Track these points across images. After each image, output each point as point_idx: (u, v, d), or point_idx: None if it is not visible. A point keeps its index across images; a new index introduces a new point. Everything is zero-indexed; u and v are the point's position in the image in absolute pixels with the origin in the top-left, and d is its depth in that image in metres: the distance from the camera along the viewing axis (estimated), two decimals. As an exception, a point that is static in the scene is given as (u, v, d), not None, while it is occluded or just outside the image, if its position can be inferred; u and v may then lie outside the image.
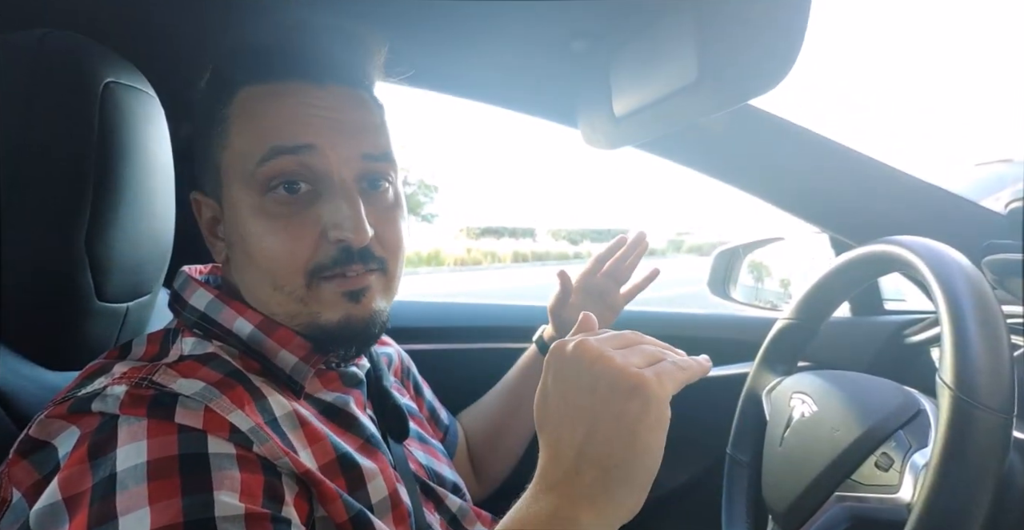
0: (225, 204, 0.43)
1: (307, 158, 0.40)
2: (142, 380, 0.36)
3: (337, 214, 0.40)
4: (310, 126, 0.40)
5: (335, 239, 0.40)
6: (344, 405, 0.45)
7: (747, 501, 0.58)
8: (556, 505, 0.31)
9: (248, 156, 0.40)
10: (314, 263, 0.41)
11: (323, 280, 0.41)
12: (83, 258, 0.40)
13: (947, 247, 0.44)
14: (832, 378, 0.52)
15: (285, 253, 0.40)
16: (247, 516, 0.32)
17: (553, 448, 0.33)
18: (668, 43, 0.48)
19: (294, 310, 0.42)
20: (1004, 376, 0.36)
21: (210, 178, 0.44)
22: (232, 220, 0.42)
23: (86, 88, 0.39)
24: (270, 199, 0.40)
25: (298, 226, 0.40)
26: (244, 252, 0.42)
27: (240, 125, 0.41)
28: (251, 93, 0.41)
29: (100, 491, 0.31)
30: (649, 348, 0.34)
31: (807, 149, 0.72)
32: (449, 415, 0.65)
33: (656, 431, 0.31)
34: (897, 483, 0.41)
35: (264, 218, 0.40)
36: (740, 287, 1.05)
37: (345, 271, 0.41)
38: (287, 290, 0.41)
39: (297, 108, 0.41)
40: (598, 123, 0.64)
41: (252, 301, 0.43)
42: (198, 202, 0.45)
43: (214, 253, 0.46)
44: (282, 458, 0.36)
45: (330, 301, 0.42)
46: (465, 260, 13.44)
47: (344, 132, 0.41)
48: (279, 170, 0.40)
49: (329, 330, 0.42)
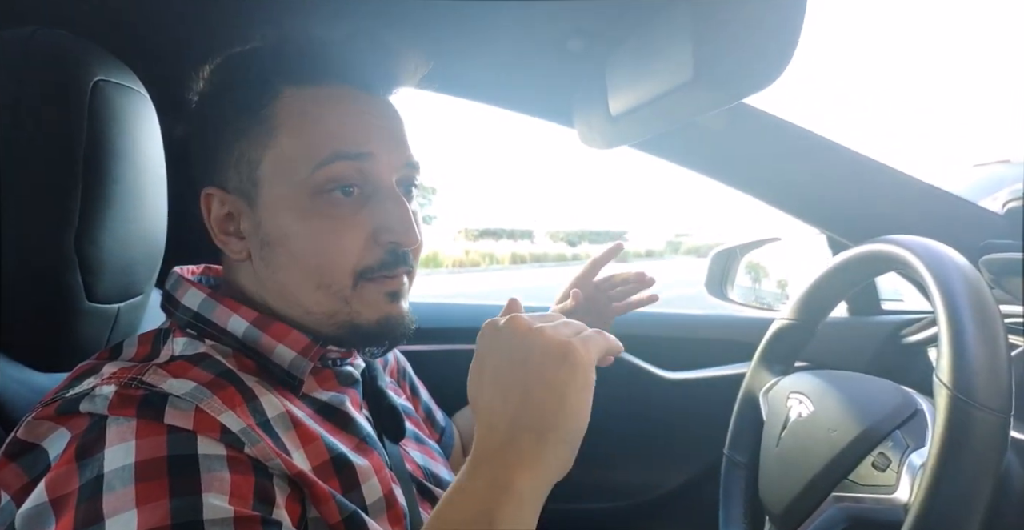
0: (262, 203, 0.42)
1: (365, 165, 0.42)
2: (131, 380, 0.35)
3: (389, 217, 0.42)
4: (369, 134, 0.42)
5: (386, 241, 0.42)
6: (340, 404, 0.45)
7: (744, 502, 0.58)
8: (493, 473, 0.32)
9: (303, 158, 0.41)
10: (363, 265, 0.42)
11: (368, 281, 0.42)
12: (72, 258, 0.40)
13: (944, 246, 0.43)
14: (829, 378, 0.52)
15: (336, 252, 0.41)
16: (236, 519, 0.32)
17: (487, 421, 0.34)
18: (664, 41, 0.48)
19: (334, 309, 0.42)
20: (1002, 376, 0.36)
21: (237, 176, 0.43)
22: (273, 220, 0.42)
23: (75, 86, 0.39)
24: (324, 201, 0.41)
25: (350, 228, 0.42)
26: (286, 251, 0.42)
27: (292, 126, 0.41)
28: (299, 95, 0.42)
29: (87, 492, 0.31)
30: (574, 323, 0.37)
31: (804, 148, 0.72)
32: (445, 416, 0.65)
33: (584, 393, 0.33)
34: (894, 483, 0.41)
35: (317, 219, 0.41)
36: (737, 288, 1.05)
37: (392, 273, 0.43)
38: (333, 289, 0.42)
39: (355, 115, 0.42)
40: (594, 122, 0.64)
41: (279, 299, 0.43)
42: (211, 197, 0.44)
43: (227, 250, 0.44)
44: (274, 459, 0.35)
45: (372, 301, 0.43)
46: (463, 262, 13.44)
47: (394, 140, 0.44)
48: (337, 174, 0.41)
49: (366, 329, 0.43)
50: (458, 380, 0.71)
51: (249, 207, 0.43)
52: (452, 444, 0.63)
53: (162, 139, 0.48)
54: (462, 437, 0.66)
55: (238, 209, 0.44)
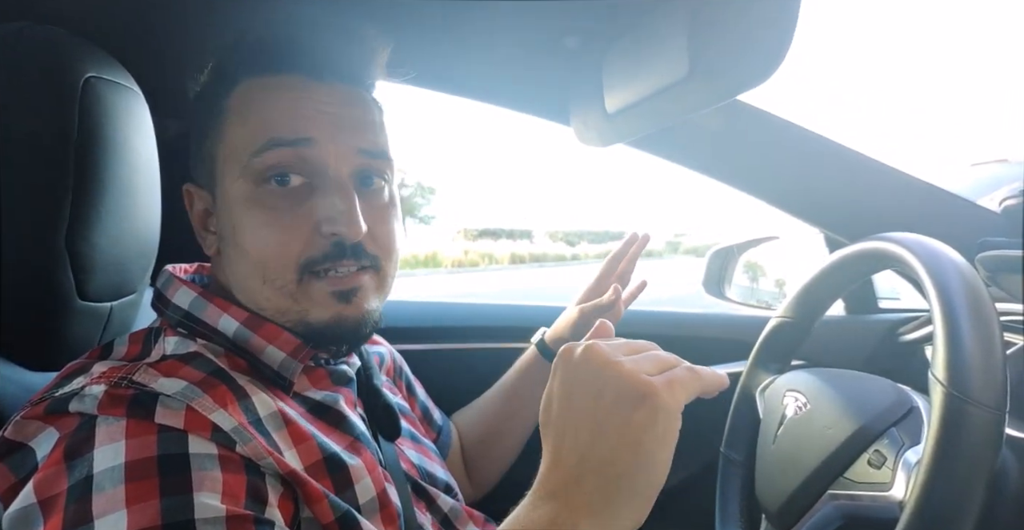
0: (218, 196, 0.43)
1: (304, 151, 0.40)
2: (121, 380, 0.35)
3: (331, 208, 0.40)
4: (309, 120, 0.40)
5: (328, 233, 0.40)
6: (333, 403, 0.44)
7: (741, 500, 0.58)
8: (555, 512, 0.30)
9: (244, 147, 0.40)
10: (306, 257, 0.40)
11: (314, 277, 0.41)
12: (63, 256, 0.39)
13: (941, 244, 0.43)
14: (825, 376, 0.52)
15: (277, 245, 0.40)
16: (228, 518, 0.31)
17: (555, 453, 0.31)
18: (659, 38, 0.48)
19: (284, 306, 0.42)
20: (997, 372, 0.36)
21: (204, 170, 0.43)
22: (225, 211, 0.42)
23: (66, 83, 0.38)
24: (264, 191, 0.40)
25: (291, 219, 0.40)
26: (236, 244, 0.42)
27: (238, 116, 0.41)
28: (251, 85, 0.42)
29: (76, 493, 0.30)
30: (662, 355, 0.33)
31: (801, 146, 0.72)
32: (443, 415, 0.65)
33: (663, 443, 0.30)
34: (889, 481, 0.41)
35: (258, 209, 0.40)
36: (735, 287, 1.04)
37: (336, 266, 0.41)
38: (277, 284, 0.41)
39: (296, 102, 0.41)
40: (590, 120, 0.64)
41: (242, 296, 0.43)
42: (190, 194, 0.45)
43: (204, 246, 0.45)
44: (266, 458, 0.35)
45: (320, 300, 0.41)
46: (462, 262, 13.43)
47: (342, 127, 0.41)
48: (275, 161, 0.40)
49: (319, 329, 0.42)
50: (455, 379, 0.71)
51: (213, 201, 0.43)
52: (449, 443, 0.63)
53: (155, 137, 0.48)
54: (462, 437, 0.66)
55: (208, 204, 0.44)
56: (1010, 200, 0.71)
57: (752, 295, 1.06)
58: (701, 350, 0.92)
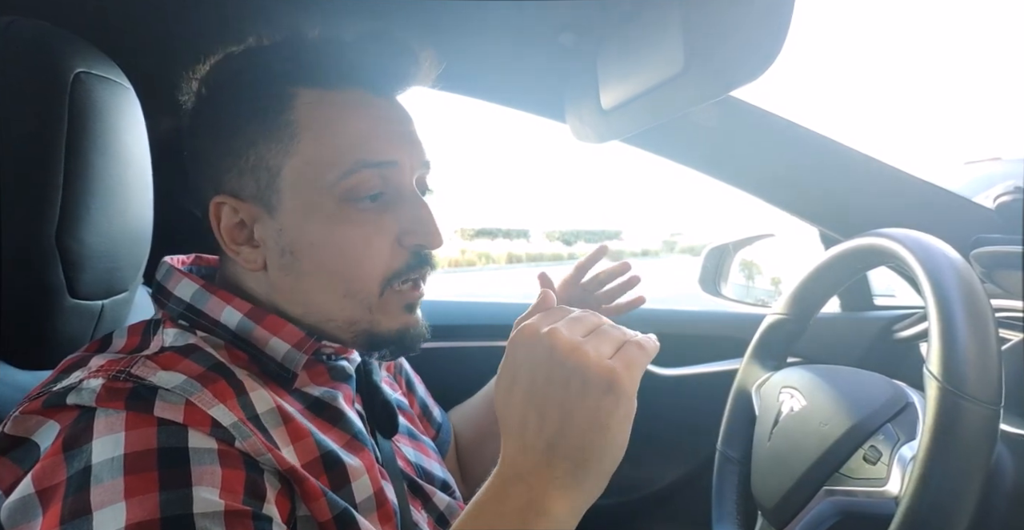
0: (283, 211, 0.41)
1: (388, 172, 0.42)
2: (119, 373, 0.35)
3: (414, 221, 0.42)
4: (391, 142, 0.42)
5: (411, 244, 0.42)
6: (332, 400, 0.44)
7: (737, 497, 0.58)
8: (528, 497, 0.32)
9: (328, 167, 0.41)
10: (391, 271, 0.42)
11: (392, 290, 0.43)
12: (54, 253, 0.39)
13: (936, 240, 0.43)
14: (821, 372, 0.52)
15: (366, 261, 0.42)
16: (227, 513, 0.31)
17: (519, 437, 0.33)
18: (654, 34, 0.48)
19: (357, 317, 0.42)
20: (992, 367, 0.36)
21: (254, 182, 0.41)
22: (296, 227, 0.41)
23: (55, 78, 0.38)
24: (352, 208, 0.41)
25: (376, 234, 0.42)
26: (312, 259, 0.41)
27: (314, 133, 0.41)
28: (317, 99, 0.41)
29: (75, 484, 0.30)
30: (612, 331, 0.35)
31: (796, 143, 0.72)
32: (442, 413, 0.64)
33: (625, 423, 0.32)
34: (885, 476, 0.41)
35: (343, 227, 0.41)
36: (732, 285, 1.05)
37: (418, 275, 0.43)
38: (359, 297, 0.42)
39: (379, 120, 0.42)
40: (586, 116, 0.64)
41: (298, 307, 0.43)
42: (221, 206, 0.42)
43: (240, 260, 0.43)
44: (265, 454, 0.35)
45: (392, 312, 0.43)
46: (459, 261, 13.43)
47: (414, 144, 0.44)
48: (362, 183, 0.41)
49: (384, 337, 0.43)
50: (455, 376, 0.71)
51: (269, 215, 0.42)
52: (448, 441, 0.62)
53: (148, 133, 0.47)
54: (456, 435, 0.66)
55: (252, 217, 0.42)
56: (1004, 197, 0.71)
57: (748, 293, 1.07)
58: (697, 347, 0.92)
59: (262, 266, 0.43)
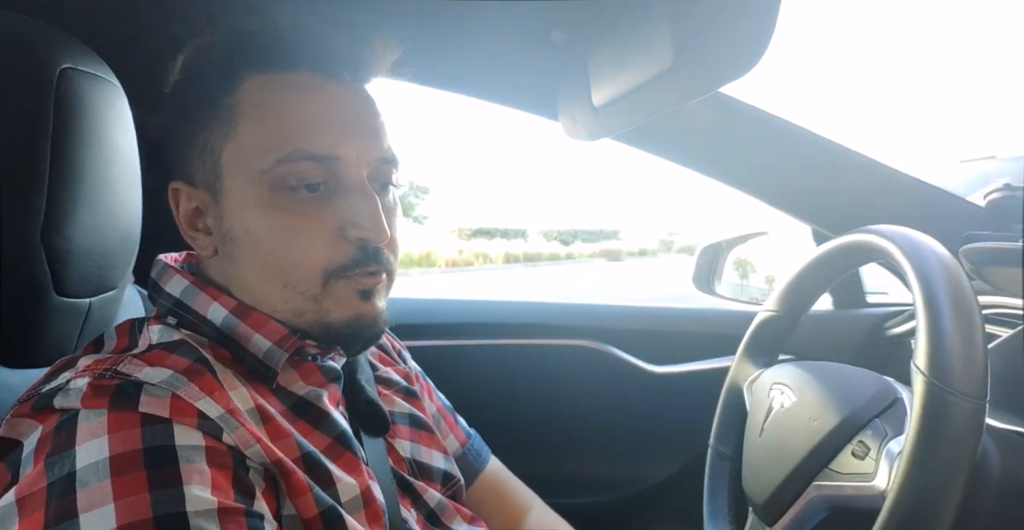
0: (224, 196, 0.41)
1: (331, 165, 0.40)
2: (105, 371, 0.35)
3: (358, 213, 0.40)
4: (338, 134, 0.40)
5: (354, 238, 0.40)
6: (316, 399, 0.44)
7: (729, 493, 0.58)
8: None
9: (263, 152, 0.39)
10: (334, 263, 0.40)
11: (340, 279, 0.41)
12: (39, 250, 0.39)
13: (924, 236, 0.44)
14: (811, 368, 0.52)
15: (302, 252, 0.40)
16: (220, 510, 0.31)
17: None
18: (644, 30, 0.48)
19: (302, 308, 0.41)
20: (978, 362, 0.36)
21: (201, 167, 0.42)
22: (234, 214, 0.41)
23: (40, 74, 0.38)
24: (286, 196, 0.39)
25: (314, 224, 0.40)
26: (250, 248, 0.41)
27: (251, 116, 0.40)
28: (261, 83, 0.40)
29: (58, 489, 0.30)
30: None
31: (788, 141, 0.72)
32: (474, 431, 0.62)
33: None
34: (873, 471, 0.41)
35: (278, 214, 0.40)
36: (726, 284, 1.05)
37: (362, 271, 0.41)
38: (300, 289, 0.41)
39: (322, 107, 0.40)
40: (578, 114, 0.64)
41: (248, 297, 0.42)
42: (178, 191, 0.43)
43: (197, 246, 0.44)
44: (253, 445, 0.35)
45: (343, 299, 0.41)
46: (457, 261, 13.42)
47: (366, 136, 0.41)
48: (300, 173, 0.39)
49: (336, 328, 0.42)
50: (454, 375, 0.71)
51: (214, 200, 0.42)
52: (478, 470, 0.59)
53: (136, 131, 0.47)
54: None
55: (204, 203, 0.42)
56: (994, 194, 0.72)
57: (742, 291, 1.07)
58: (690, 345, 0.93)
59: (214, 253, 0.43)
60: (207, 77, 0.42)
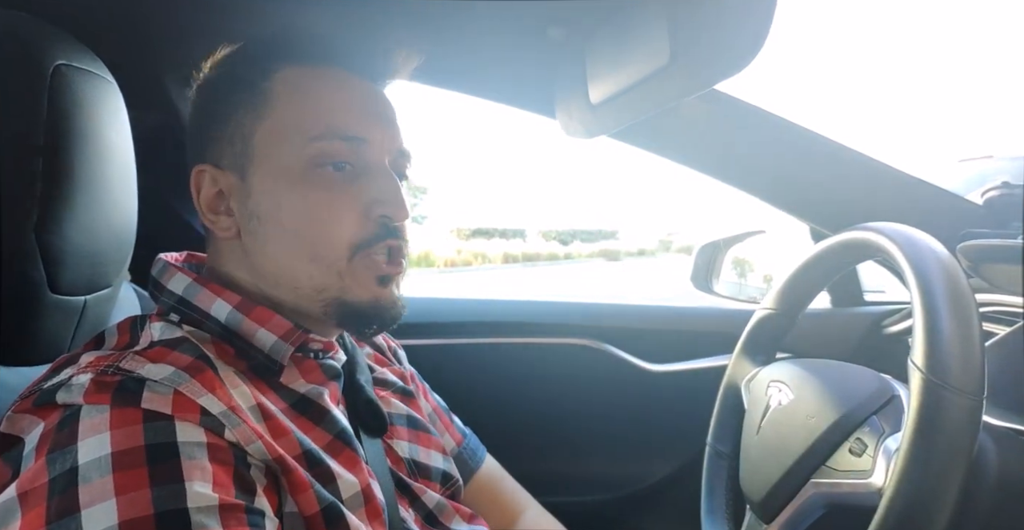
0: (253, 176, 0.42)
1: (358, 146, 0.42)
2: (108, 367, 0.35)
3: (381, 191, 0.42)
4: (365, 120, 0.43)
5: (378, 215, 0.42)
6: (317, 397, 0.44)
7: (727, 491, 0.58)
8: None
9: (299, 128, 0.41)
10: (359, 238, 0.42)
11: (363, 258, 0.42)
12: (33, 248, 0.38)
13: (921, 233, 0.44)
14: (808, 366, 0.52)
15: (330, 224, 0.42)
16: (222, 506, 0.31)
17: None
18: (640, 27, 0.48)
19: (326, 283, 0.42)
20: (975, 358, 0.36)
21: (231, 149, 0.43)
22: (263, 192, 0.42)
23: (34, 71, 0.37)
24: (317, 174, 0.41)
25: (343, 200, 0.42)
26: (278, 223, 0.42)
27: (286, 98, 0.42)
28: (298, 72, 0.43)
29: (60, 485, 0.30)
30: None
31: (786, 139, 0.72)
32: (469, 430, 0.62)
33: None
34: (870, 468, 0.41)
35: (309, 189, 0.41)
36: (724, 283, 1.05)
37: (388, 245, 0.43)
38: (327, 262, 0.42)
39: (354, 97, 0.43)
40: (575, 111, 0.64)
41: (261, 277, 0.43)
42: (202, 174, 0.44)
43: (216, 228, 0.44)
44: (255, 442, 0.35)
45: (364, 280, 0.43)
46: (455, 261, 13.42)
47: (389, 128, 0.44)
48: (332, 151, 0.41)
49: (355, 307, 0.43)
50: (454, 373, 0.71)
51: (241, 180, 0.43)
52: (474, 469, 0.59)
53: (132, 129, 0.47)
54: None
55: (229, 185, 0.44)
56: (992, 192, 0.72)
57: (741, 290, 1.07)
58: (688, 343, 0.93)
59: (236, 234, 0.44)
60: (242, 66, 0.44)
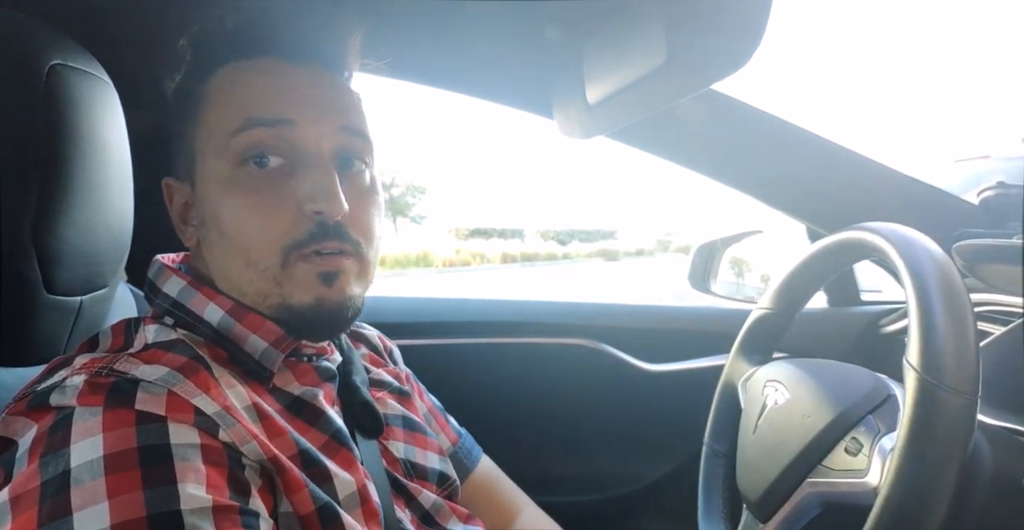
0: (198, 184, 0.42)
1: (284, 131, 0.40)
2: (102, 369, 0.35)
3: (313, 186, 0.39)
4: (288, 100, 0.40)
5: (310, 211, 0.40)
6: (312, 398, 0.44)
7: (724, 491, 0.58)
8: None
9: (222, 130, 0.40)
10: (291, 239, 0.40)
11: (299, 259, 0.40)
12: (29, 248, 0.38)
13: (917, 233, 0.44)
14: (805, 365, 0.52)
15: (260, 228, 0.40)
16: (215, 508, 0.31)
17: None
18: (637, 27, 0.48)
19: (266, 290, 0.41)
20: (969, 358, 0.36)
21: (183, 160, 0.43)
22: (204, 198, 0.41)
23: (29, 71, 0.37)
24: (243, 173, 0.40)
25: (274, 200, 0.40)
26: (217, 229, 0.41)
27: (215, 101, 0.41)
28: (228, 71, 0.42)
29: (52, 488, 0.30)
30: None
31: (782, 138, 0.72)
32: (464, 431, 0.62)
33: None
34: (866, 467, 0.41)
35: (237, 192, 0.40)
36: (721, 283, 1.05)
37: (321, 247, 0.40)
38: (261, 267, 0.40)
39: (274, 82, 0.41)
40: (572, 112, 0.64)
41: (223, 283, 0.43)
42: (170, 188, 0.44)
43: (184, 239, 0.45)
44: (250, 442, 0.35)
45: (304, 282, 0.40)
46: (454, 261, 13.42)
47: (322, 107, 0.41)
48: (253, 142, 0.39)
49: (300, 312, 0.41)
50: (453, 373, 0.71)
51: (192, 191, 0.43)
52: (471, 456, 0.59)
53: (128, 128, 0.47)
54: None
55: (187, 196, 0.44)
56: (988, 191, 0.72)
57: (738, 290, 1.07)
58: (686, 343, 0.93)
59: (197, 243, 0.44)
60: (188, 74, 0.43)
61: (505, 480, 0.62)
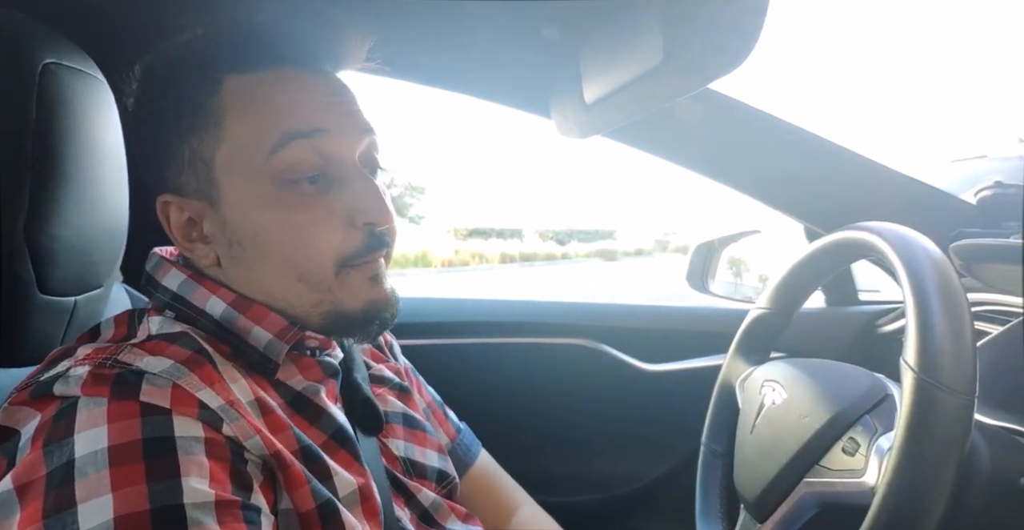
0: (223, 202, 0.40)
1: (321, 143, 0.40)
2: (106, 360, 0.35)
3: (363, 199, 0.41)
4: (318, 111, 0.40)
5: (362, 223, 0.41)
6: (313, 394, 0.44)
7: (721, 490, 0.58)
8: None
9: (255, 145, 0.39)
10: (346, 252, 0.41)
11: (352, 268, 0.41)
12: (22, 247, 0.38)
13: (914, 232, 0.44)
14: (802, 365, 0.52)
15: (315, 245, 0.40)
16: (217, 503, 0.31)
17: None
18: (634, 26, 0.48)
19: (317, 299, 0.41)
20: (967, 357, 0.36)
21: (193, 177, 0.41)
22: (238, 217, 0.40)
23: (22, 69, 0.37)
24: (292, 191, 0.40)
25: (323, 216, 0.40)
26: (259, 247, 0.40)
27: (239, 115, 0.40)
28: (240, 83, 0.40)
29: (56, 479, 0.30)
30: None
31: (780, 138, 0.72)
32: (464, 425, 0.62)
33: None
34: (863, 467, 0.41)
35: (288, 210, 0.40)
36: (720, 283, 1.05)
37: (376, 257, 0.42)
38: (314, 281, 0.41)
39: (301, 94, 0.41)
40: (569, 111, 0.64)
41: (262, 296, 0.42)
42: (168, 205, 0.42)
43: (193, 257, 0.43)
44: (253, 437, 0.35)
45: (355, 288, 0.42)
46: (453, 261, 13.42)
47: (347, 114, 0.42)
48: (296, 158, 0.39)
49: (352, 316, 0.42)
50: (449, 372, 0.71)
51: (212, 208, 0.41)
52: (470, 452, 0.59)
53: (122, 127, 0.46)
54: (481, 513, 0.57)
55: (199, 213, 0.42)
56: (985, 191, 0.72)
57: (736, 290, 1.07)
58: (684, 343, 0.93)
59: (215, 261, 0.42)
60: (184, 84, 0.41)
61: (504, 476, 0.62)
